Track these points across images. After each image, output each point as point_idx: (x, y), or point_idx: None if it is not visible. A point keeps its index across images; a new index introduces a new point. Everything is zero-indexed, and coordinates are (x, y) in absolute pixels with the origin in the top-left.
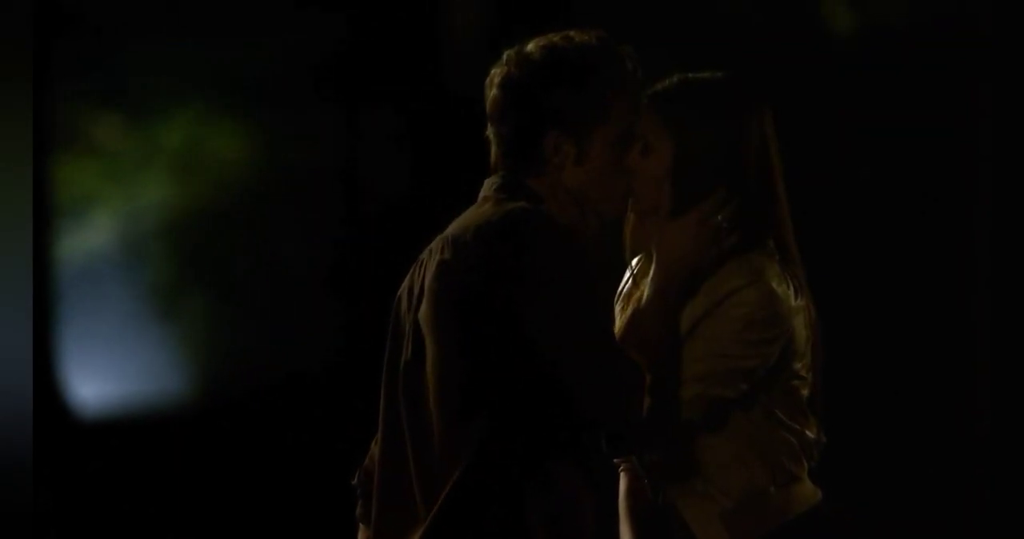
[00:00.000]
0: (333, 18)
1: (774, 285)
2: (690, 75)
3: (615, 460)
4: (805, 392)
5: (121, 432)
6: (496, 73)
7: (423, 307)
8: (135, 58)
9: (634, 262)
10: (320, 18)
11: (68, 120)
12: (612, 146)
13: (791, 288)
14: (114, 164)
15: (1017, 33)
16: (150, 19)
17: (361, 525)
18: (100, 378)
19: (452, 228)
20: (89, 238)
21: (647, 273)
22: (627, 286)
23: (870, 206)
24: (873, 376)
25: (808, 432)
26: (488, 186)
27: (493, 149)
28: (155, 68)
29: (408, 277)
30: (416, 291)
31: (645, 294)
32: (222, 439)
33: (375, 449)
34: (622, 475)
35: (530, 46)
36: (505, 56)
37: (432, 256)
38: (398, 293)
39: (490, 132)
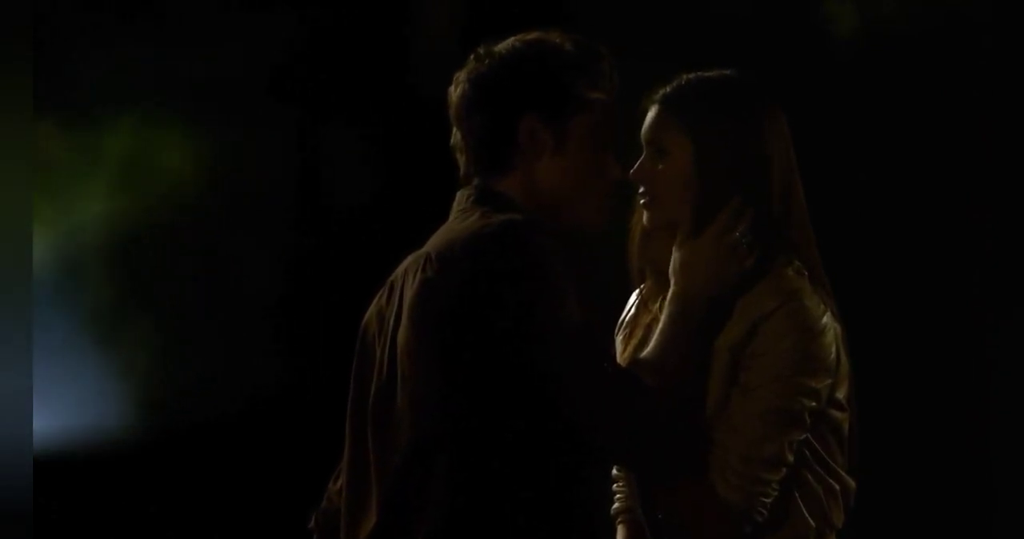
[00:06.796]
0: (290, 18)
1: (811, 307)
2: (701, 73)
3: (612, 511)
4: (846, 426)
5: (63, 468)
6: (462, 71)
7: (403, 330)
8: (75, 61)
9: (642, 285)
10: (277, 18)
11: None
12: (591, 141)
13: (827, 308)
14: (51, 175)
15: (1017, 33)
16: (93, 21)
17: None
18: (38, 410)
19: (432, 245)
20: None
21: (657, 296)
22: (632, 310)
23: (869, 210)
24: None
25: (848, 476)
26: (462, 198)
27: (462, 157)
28: (98, 72)
29: (376, 300)
30: (391, 314)
31: (662, 318)
32: (170, 476)
33: (333, 489)
34: (620, 527)
35: (498, 46)
36: (472, 55)
37: (411, 275)
38: (364, 318)
39: (456, 138)
